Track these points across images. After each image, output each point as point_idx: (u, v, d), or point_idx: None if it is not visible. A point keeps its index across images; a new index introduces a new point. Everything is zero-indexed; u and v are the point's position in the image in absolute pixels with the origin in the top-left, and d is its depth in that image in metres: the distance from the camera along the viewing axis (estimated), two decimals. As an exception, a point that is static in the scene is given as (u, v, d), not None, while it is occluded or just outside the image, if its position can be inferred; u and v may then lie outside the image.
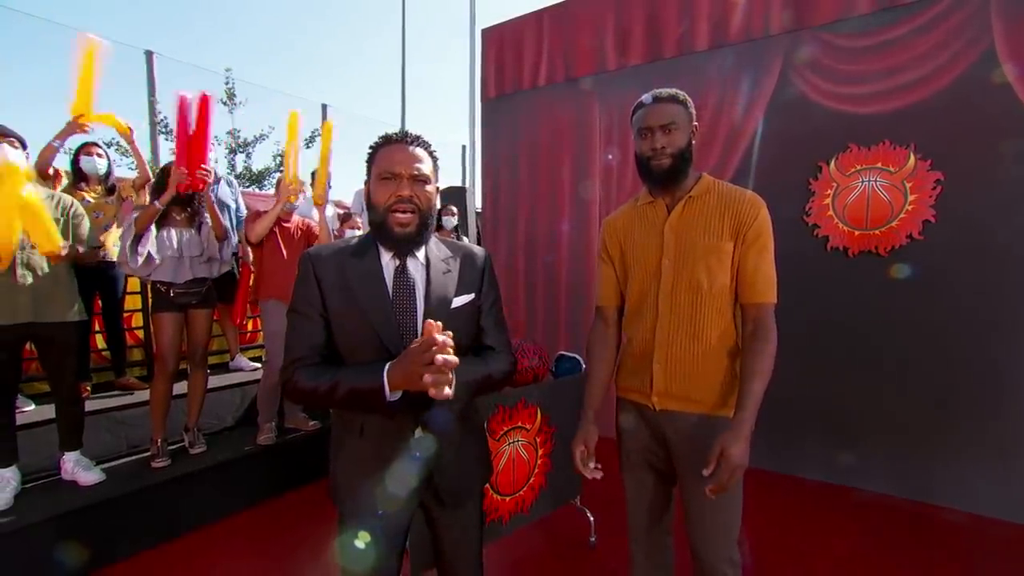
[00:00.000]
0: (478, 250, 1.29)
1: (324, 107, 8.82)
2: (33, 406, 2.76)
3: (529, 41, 4.07)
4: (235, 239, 2.99)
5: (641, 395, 1.39)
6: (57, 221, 2.18)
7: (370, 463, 1.14)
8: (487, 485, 1.98)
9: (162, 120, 6.23)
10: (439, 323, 0.98)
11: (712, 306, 1.29)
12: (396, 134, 1.14)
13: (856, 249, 2.86)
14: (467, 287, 1.21)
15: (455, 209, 4.46)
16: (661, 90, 1.33)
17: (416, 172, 1.10)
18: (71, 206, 2.29)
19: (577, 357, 2.51)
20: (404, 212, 1.09)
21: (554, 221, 4.03)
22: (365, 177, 1.18)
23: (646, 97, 1.34)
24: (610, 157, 3.71)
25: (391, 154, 1.11)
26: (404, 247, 1.12)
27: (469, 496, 1.28)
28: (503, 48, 4.24)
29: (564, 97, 3.88)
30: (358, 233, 3.28)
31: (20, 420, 2.44)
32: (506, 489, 2.09)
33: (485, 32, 4.41)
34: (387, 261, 1.15)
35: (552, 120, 3.96)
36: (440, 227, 4.38)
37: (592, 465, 1.41)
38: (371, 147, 1.16)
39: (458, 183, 6.81)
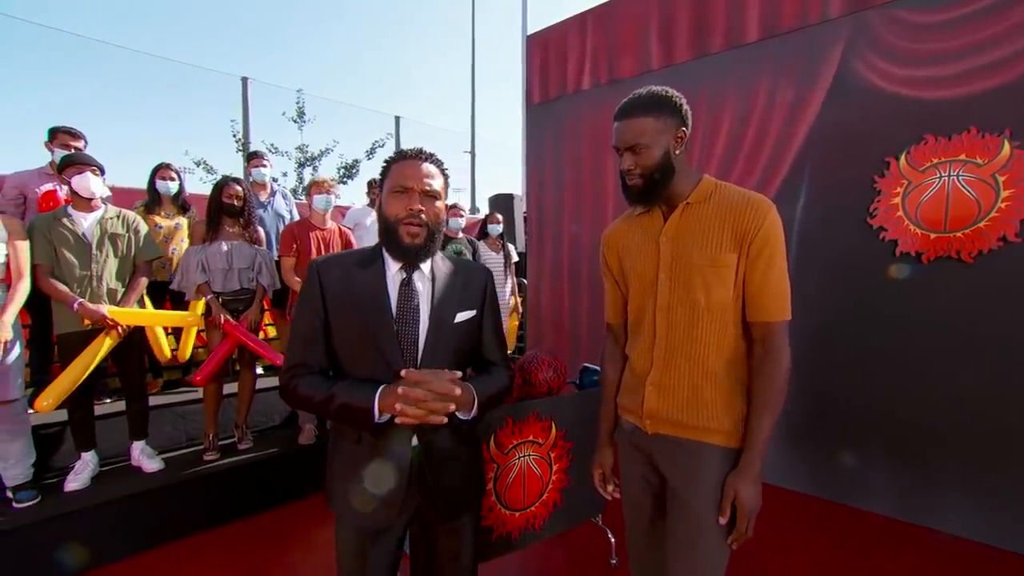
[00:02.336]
0: (480, 267, 1.34)
1: (397, 119, 9.26)
2: (109, 400, 3.12)
3: (573, 44, 4.00)
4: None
5: (636, 416, 1.30)
6: (121, 236, 2.47)
7: (365, 470, 1.16)
8: (495, 499, 1.97)
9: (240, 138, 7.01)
10: (416, 371, 1.09)
11: (711, 324, 1.16)
12: (410, 150, 1.18)
13: (932, 254, 2.49)
14: (469, 303, 1.24)
15: (500, 217, 4.47)
16: (632, 96, 1.20)
17: (427, 188, 1.13)
18: (134, 222, 2.58)
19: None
20: (414, 225, 1.12)
21: (598, 226, 3.91)
22: (379, 190, 1.23)
23: (617, 109, 1.21)
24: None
25: (404, 169, 1.14)
26: (412, 256, 1.15)
27: (464, 509, 1.29)
28: (547, 53, 4.20)
29: (608, 99, 3.75)
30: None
31: (101, 411, 2.78)
32: (515, 504, 2.04)
33: (530, 38, 4.40)
34: (393, 274, 1.18)
35: (596, 123, 3.86)
36: (486, 234, 4.41)
37: (611, 488, 1.42)
38: (385, 162, 1.21)
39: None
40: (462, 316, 1.21)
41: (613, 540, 2.31)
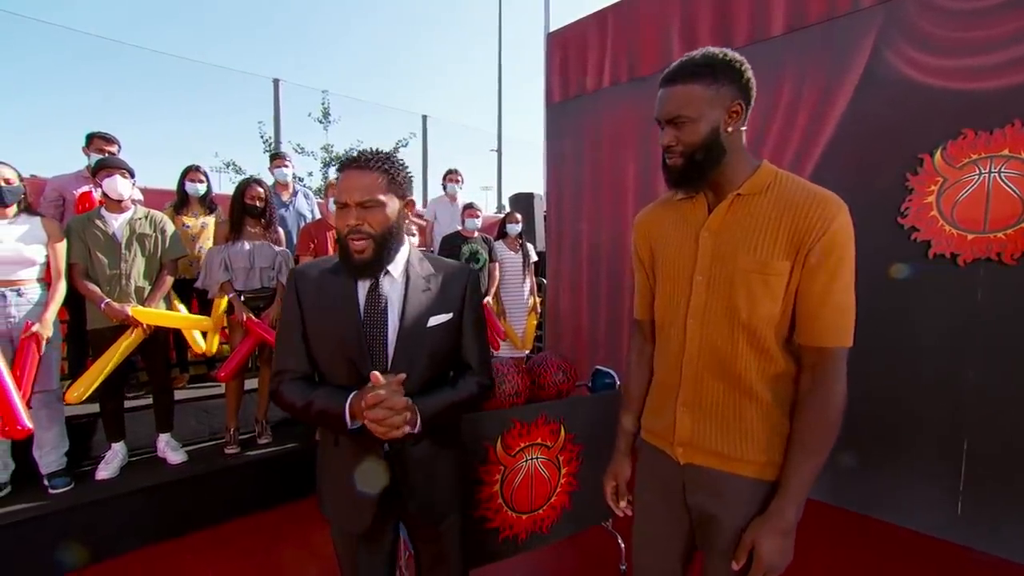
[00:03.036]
0: (462, 267, 1.29)
1: (424, 118, 9.33)
2: (140, 392, 3.25)
3: (593, 41, 3.95)
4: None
5: (664, 442, 1.13)
6: (149, 236, 2.58)
7: (344, 473, 1.17)
8: (501, 501, 1.97)
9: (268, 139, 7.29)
10: (386, 375, 1.06)
11: (750, 340, 0.99)
12: (350, 157, 1.14)
13: (969, 256, 2.35)
14: (446, 305, 1.21)
15: (519, 217, 4.45)
16: (684, 58, 1.00)
17: (364, 199, 1.07)
18: (161, 221, 2.69)
19: (611, 372, 2.37)
20: (356, 240, 1.09)
21: (617, 226, 3.86)
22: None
23: (664, 74, 1.03)
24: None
25: (342, 181, 1.11)
26: (362, 272, 1.14)
27: (444, 516, 1.27)
28: (567, 51, 4.16)
29: (628, 97, 3.69)
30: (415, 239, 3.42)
31: (130, 404, 2.88)
32: (522, 507, 2.03)
33: (550, 36, 4.36)
34: (363, 280, 1.17)
35: (616, 122, 3.80)
36: (505, 234, 4.40)
37: (623, 504, 1.29)
38: (336, 170, 1.19)
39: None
40: (436, 320, 1.18)
41: (623, 545, 2.27)
